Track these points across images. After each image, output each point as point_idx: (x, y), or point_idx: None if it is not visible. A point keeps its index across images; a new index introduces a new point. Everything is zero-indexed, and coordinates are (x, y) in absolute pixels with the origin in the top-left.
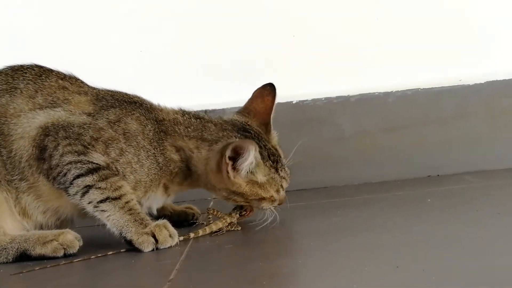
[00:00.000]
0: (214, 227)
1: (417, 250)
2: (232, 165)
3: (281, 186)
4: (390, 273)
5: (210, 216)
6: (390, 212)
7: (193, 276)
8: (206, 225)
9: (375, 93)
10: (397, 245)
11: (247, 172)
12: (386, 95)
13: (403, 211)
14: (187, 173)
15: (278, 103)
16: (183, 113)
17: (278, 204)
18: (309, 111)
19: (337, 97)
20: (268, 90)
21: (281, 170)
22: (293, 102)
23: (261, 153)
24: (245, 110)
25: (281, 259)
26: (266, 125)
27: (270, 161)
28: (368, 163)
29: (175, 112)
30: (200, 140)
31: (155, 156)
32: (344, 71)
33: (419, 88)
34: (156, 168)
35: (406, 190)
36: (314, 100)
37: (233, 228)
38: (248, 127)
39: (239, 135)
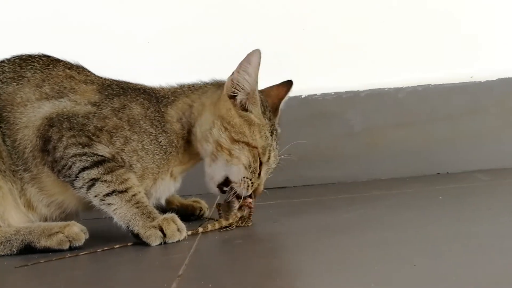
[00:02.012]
0: (224, 223)
1: (427, 247)
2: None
3: (270, 152)
4: (401, 269)
5: (220, 212)
6: (401, 209)
7: (203, 271)
8: (216, 221)
9: (385, 88)
10: (410, 242)
11: (245, 104)
12: (396, 90)
13: (415, 208)
14: (188, 139)
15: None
16: (183, 83)
17: (255, 194)
18: (318, 106)
19: (347, 92)
20: (285, 83)
21: (274, 140)
22: (302, 97)
23: (264, 112)
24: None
25: (291, 255)
26: (275, 110)
27: (270, 122)
28: (377, 159)
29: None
30: (204, 91)
31: (157, 138)
32: (354, 66)
33: (430, 84)
34: (161, 152)
35: (416, 187)
36: (323, 95)
37: (243, 223)
38: (259, 92)
39: None
